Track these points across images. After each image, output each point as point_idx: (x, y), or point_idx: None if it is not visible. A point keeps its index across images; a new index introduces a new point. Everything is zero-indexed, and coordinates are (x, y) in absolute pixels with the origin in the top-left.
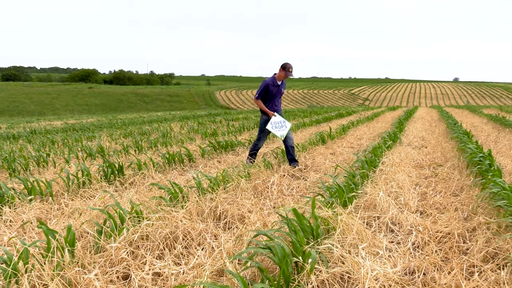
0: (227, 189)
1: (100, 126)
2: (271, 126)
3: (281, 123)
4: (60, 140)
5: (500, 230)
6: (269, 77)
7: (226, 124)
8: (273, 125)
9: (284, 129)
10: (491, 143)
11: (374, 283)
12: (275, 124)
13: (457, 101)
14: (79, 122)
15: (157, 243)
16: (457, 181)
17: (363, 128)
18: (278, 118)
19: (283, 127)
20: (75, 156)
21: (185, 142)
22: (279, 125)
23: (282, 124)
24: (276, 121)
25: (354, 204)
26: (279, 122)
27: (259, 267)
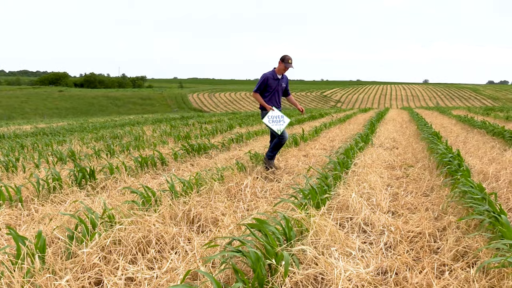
0: (200, 192)
1: (71, 130)
2: (267, 120)
3: (279, 117)
4: (29, 144)
5: (469, 228)
6: (268, 71)
7: (199, 127)
8: (270, 118)
9: (282, 124)
10: (460, 144)
11: (347, 284)
12: (272, 118)
13: (427, 102)
14: (49, 126)
15: (130, 247)
16: (427, 182)
17: (335, 130)
18: (276, 112)
19: (280, 122)
20: (45, 161)
21: (158, 145)
22: (276, 119)
23: (280, 118)
24: (274, 115)
25: (327, 205)
26: (277, 116)
27: (234, 268)
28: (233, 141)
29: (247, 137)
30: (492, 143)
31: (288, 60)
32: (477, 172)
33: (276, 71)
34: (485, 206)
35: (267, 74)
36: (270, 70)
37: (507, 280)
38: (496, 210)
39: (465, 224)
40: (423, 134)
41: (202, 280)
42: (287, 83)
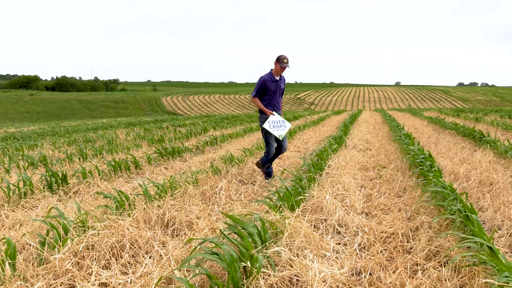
0: (174, 196)
1: (42, 134)
2: (268, 125)
3: (280, 122)
4: None
5: (441, 228)
6: (265, 73)
7: (173, 130)
8: (270, 124)
9: (283, 128)
10: (432, 145)
11: (322, 285)
12: (273, 123)
13: (399, 104)
14: (20, 131)
15: (103, 252)
16: (400, 182)
17: (309, 132)
18: (277, 117)
19: (282, 127)
20: (16, 166)
21: (131, 149)
22: (277, 124)
23: (281, 123)
24: (275, 120)
25: (302, 207)
26: (278, 121)
27: (208, 274)
28: (208, 144)
29: (222, 140)
30: (462, 143)
31: (283, 60)
32: (449, 173)
33: (273, 72)
34: (456, 206)
35: (264, 76)
36: (267, 73)
37: (478, 278)
38: (467, 209)
39: (437, 224)
40: (396, 136)
41: (177, 284)
42: (284, 85)
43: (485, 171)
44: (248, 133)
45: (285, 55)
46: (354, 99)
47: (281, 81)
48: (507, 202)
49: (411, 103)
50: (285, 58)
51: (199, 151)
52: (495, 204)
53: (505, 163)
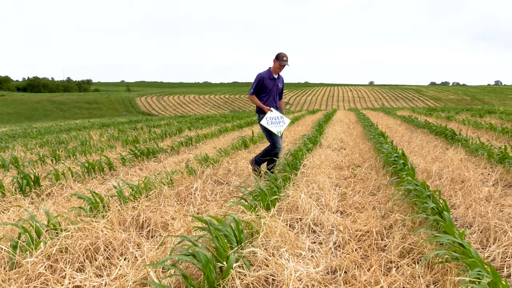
0: (149, 197)
1: (13, 136)
2: (266, 122)
3: (278, 118)
4: None
5: (415, 226)
6: (264, 70)
7: (147, 131)
8: (268, 120)
9: (282, 125)
10: (405, 143)
11: (298, 284)
12: (271, 120)
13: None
14: None
15: (77, 255)
16: (374, 181)
17: (284, 132)
18: (275, 113)
19: (280, 123)
20: None
21: (105, 150)
22: (276, 120)
23: (280, 120)
24: (273, 116)
25: (277, 207)
26: (276, 117)
27: (183, 275)
28: (183, 145)
29: (197, 140)
30: (435, 142)
31: (282, 58)
32: (421, 171)
33: (272, 70)
34: (430, 204)
35: (262, 73)
36: (265, 70)
37: (450, 275)
38: (440, 207)
39: (411, 221)
40: (370, 135)
41: (152, 286)
42: (283, 84)
43: (456, 169)
44: (223, 133)
45: (284, 53)
46: (329, 99)
47: (279, 80)
48: (478, 199)
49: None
50: (284, 56)
51: (174, 151)
52: (466, 201)
53: (476, 160)
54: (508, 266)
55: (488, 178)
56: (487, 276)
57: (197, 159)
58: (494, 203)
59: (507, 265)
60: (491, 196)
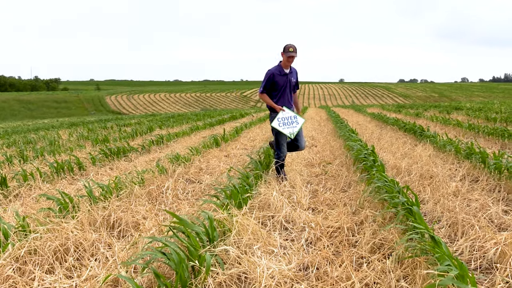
0: (120, 197)
1: None
2: (277, 123)
3: (291, 118)
4: None
5: (385, 221)
6: (273, 66)
7: (118, 130)
8: (280, 121)
9: (295, 125)
10: (375, 140)
11: (270, 281)
12: (283, 121)
13: (344, 101)
14: None
15: (47, 257)
16: (345, 178)
17: (256, 130)
18: (287, 113)
19: (293, 123)
20: None
21: (75, 149)
22: (288, 121)
23: (293, 120)
24: (285, 117)
25: (249, 204)
26: (289, 117)
27: (156, 273)
28: (154, 143)
29: (168, 139)
30: (404, 138)
31: (289, 49)
32: (391, 167)
33: (281, 65)
34: (400, 199)
35: (272, 70)
36: (275, 65)
37: (420, 269)
38: (410, 201)
39: (381, 217)
40: (340, 132)
41: (123, 286)
42: (297, 77)
43: (425, 164)
44: (194, 131)
45: (291, 44)
46: (299, 96)
47: (292, 75)
48: (446, 194)
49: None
50: (291, 47)
51: (145, 150)
52: (435, 196)
53: (444, 156)
54: (475, 259)
55: (456, 173)
56: (455, 269)
57: (168, 158)
58: (461, 198)
59: (475, 258)
60: (459, 191)
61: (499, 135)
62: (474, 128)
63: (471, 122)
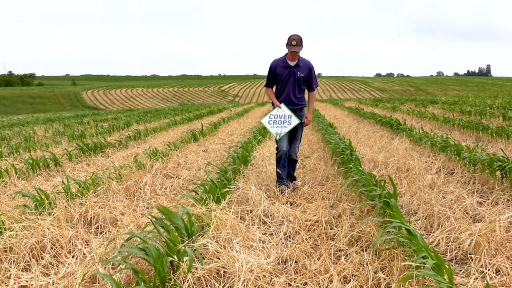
0: (97, 193)
1: None
2: (267, 120)
3: (284, 117)
4: None
5: (363, 214)
6: (280, 56)
7: (94, 125)
8: (271, 118)
9: (285, 125)
10: (352, 134)
11: (249, 275)
12: (274, 118)
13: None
14: None
15: (23, 254)
16: (323, 171)
17: (234, 124)
18: (283, 111)
19: (285, 123)
20: None
21: (51, 146)
22: (280, 119)
23: (286, 119)
24: (279, 115)
25: (228, 199)
26: (283, 116)
27: (134, 269)
28: (131, 139)
29: (145, 134)
30: (381, 132)
31: (291, 42)
32: (368, 160)
33: (287, 57)
34: (377, 192)
35: (275, 60)
36: (282, 56)
37: (397, 261)
38: (388, 194)
39: (359, 210)
40: (318, 126)
41: (101, 282)
42: (310, 73)
43: (402, 157)
44: (172, 126)
45: (295, 35)
46: None
47: (299, 68)
48: (422, 187)
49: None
50: (294, 40)
51: (122, 146)
52: (411, 189)
53: (420, 149)
54: (451, 250)
55: (432, 166)
56: (432, 261)
57: (146, 153)
58: (437, 190)
59: (450, 249)
60: (435, 183)
61: (473, 128)
62: (449, 121)
63: (446, 115)
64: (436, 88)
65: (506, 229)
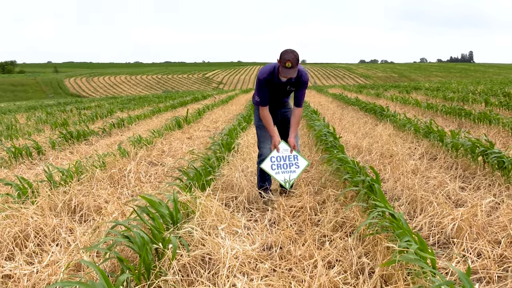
0: (81, 181)
1: None
2: (269, 165)
3: (289, 159)
4: None
5: (347, 200)
6: (269, 66)
7: (77, 113)
8: (273, 162)
9: (292, 169)
10: (337, 120)
11: (235, 262)
12: (277, 162)
13: None
14: None
15: (6, 243)
16: (307, 158)
17: (218, 111)
18: (283, 151)
19: (291, 167)
20: None
21: (33, 134)
22: (284, 163)
23: (291, 161)
24: (281, 156)
25: (212, 186)
26: (286, 158)
27: (118, 257)
28: (115, 126)
29: (129, 122)
30: (365, 118)
31: (285, 63)
32: (352, 147)
33: (279, 73)
34: (361, 178)
35: (264, 74)
36: (271, 67)
37: (380, 246)
38: (371, 179)
39: (343, 196)
40: (302, 112)
41: (86, 271)
42: (302, 89)
43: (385, 144)
44: (156, 114)
45: (290, 54)
46: None
47: (293, 84)
48: (405, 172)
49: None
50: (288, 61)
51: (106, 134)
52: (395, 174)
53: (404, 135)
54: (434, 235)
55: (415, 152)
56: (415, 245)
57: (130, 140)
58: (420, 175)
59: (433, 234)
60: (418, 169)
61: (456, 114)
62: (432, 107)
63: (429, 101)
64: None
65: (487, 213)
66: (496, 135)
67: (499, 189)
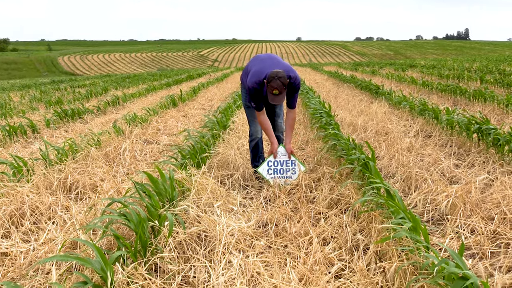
0: (76, 159)
1: None
2: (265, 169)
3: (286, 164)
4: None
5: (342, 178)
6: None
7: (71, 91)
8: (269, 167)
9: (289, 175)
10: (332, 98)
11: (230, 239)
12: (274, 166)
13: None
14: None
15: (2, 221)
16: (303, 136)
17: (213, 89)
18: (281, 156)
19: (287, 172)
20: None
21: (28, 112)
22: (281, 168)
23: (288, 166)
24: (278, 161)
25: (208, 164)
26: (283, 162)
27: (115, 235)
28: (109, 105)
29: (124, 100)
30: (360, 96)
31: (272, 90)
32: (348, 124)
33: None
34: (356, 155)
35: (254, 83)
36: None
37: (375, 223)
38: (366, 157)
39: (338, 173)
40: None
41: (82, 248)
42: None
43: (381, 121)
44: (151, 92)
45: (277, 80)
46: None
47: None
48: (400, 150)
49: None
50: (275, 88)
51: (100, 112)
52: (390, 152)
53: (399, 113)
54: (428, 212)
55: (410, 129)
56: (409, 222)
57: (125, 119)
58: (415, 153)
59: (427, 210)
60: (413, 146)
61: (451, 92)
62: (427, 85)
63: (425, 79)
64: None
65: (481, 190)
66: (491, 112)
67: (493, 166)
